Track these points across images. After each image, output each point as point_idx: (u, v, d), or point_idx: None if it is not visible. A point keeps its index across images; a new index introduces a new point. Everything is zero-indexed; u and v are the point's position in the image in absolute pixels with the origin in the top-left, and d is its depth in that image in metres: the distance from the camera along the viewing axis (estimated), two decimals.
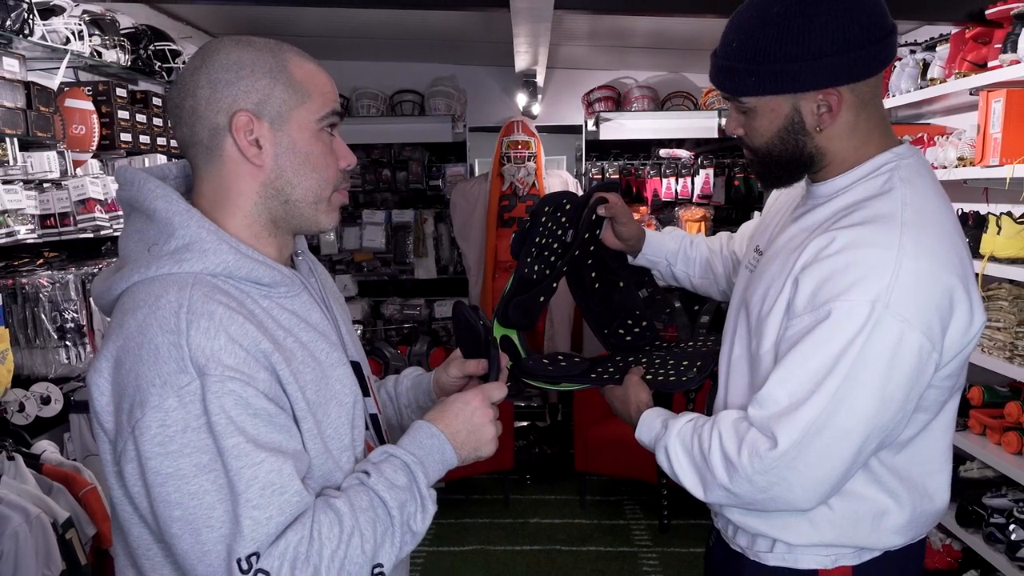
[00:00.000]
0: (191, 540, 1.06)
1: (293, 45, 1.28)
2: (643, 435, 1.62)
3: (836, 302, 1.34)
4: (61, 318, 2.75)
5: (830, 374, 1.34)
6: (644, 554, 4.23)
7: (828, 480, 1.39)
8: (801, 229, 1.52)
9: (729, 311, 1.70)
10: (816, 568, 1.53)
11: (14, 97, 2.58)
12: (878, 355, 1.33)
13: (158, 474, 1.06)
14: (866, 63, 1.41)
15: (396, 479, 1.19)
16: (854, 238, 1.37)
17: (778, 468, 1.37)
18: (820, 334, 1.35)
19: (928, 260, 1.35)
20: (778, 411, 1.38)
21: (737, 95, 1.48)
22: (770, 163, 1.52)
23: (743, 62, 1.43)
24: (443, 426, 1.30)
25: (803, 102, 1.43)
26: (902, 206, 1.39)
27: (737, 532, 1.64)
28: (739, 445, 1.41)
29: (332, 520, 1.11)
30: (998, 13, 3.14)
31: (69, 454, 2.93)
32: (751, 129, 1.50)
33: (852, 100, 1.44)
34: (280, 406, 1.14)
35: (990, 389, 3.32)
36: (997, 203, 3.47)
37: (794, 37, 1.38)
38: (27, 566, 2.25)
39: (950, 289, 1.37)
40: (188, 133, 1.22)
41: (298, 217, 1.27)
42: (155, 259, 1.16)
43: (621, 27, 4.93)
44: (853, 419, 1.35)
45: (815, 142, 1.47)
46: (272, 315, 1.20)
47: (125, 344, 1.10)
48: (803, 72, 1.40)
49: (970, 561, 3.44)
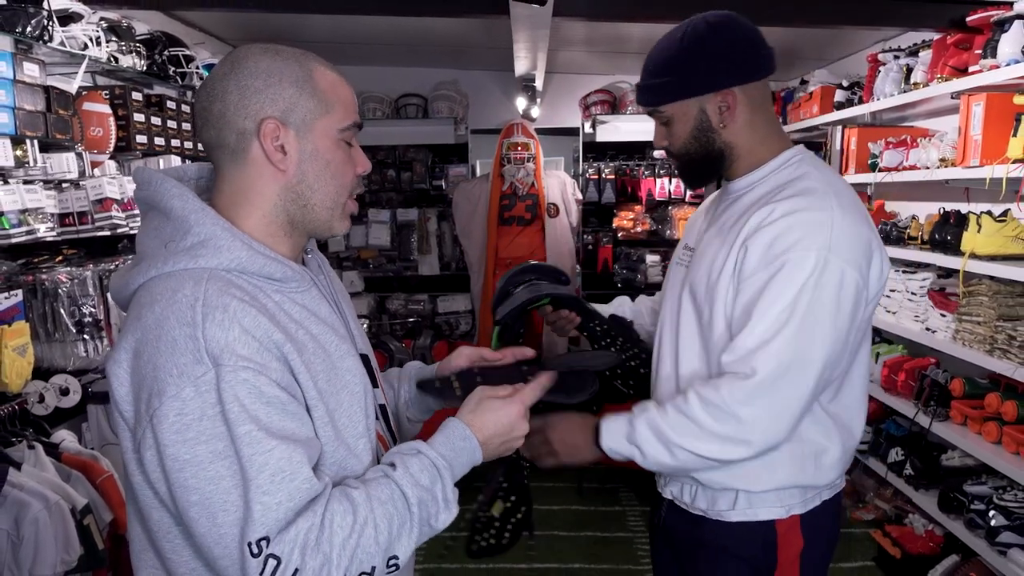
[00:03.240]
0: (208, 523, 1.07)
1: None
2: (611, 441, 1.66)
3: (788, 254, 1.54)
4: (79, 313, 2.74)
5: (793, 312, 1.53)
6: (639, 539, 4.23)
7: (798, 408, 1.57)
8: (728, 217, 1.73)
9: (666, 304, 1.86)
10: (773, 519, 1.69)
11: (34, 100, 2.57)
12: (829, 293, 1.54)
13: (176, 460, 1.07)
14: (751, 69, 1.69)
15: (421, 478, 1.19)
16: (792, 206, 1.58)
17: (759, 395, 1.54)
18: (778, 283, 1.55)
19: (852, 217, 1.59)
20: (748, 351, 1.55)
21: (657, 105, 1.72)
22: (690, 162, 1.76)
23: (659, 78, 1.70)
24: (477, 430, 1.30)
25: (708, 104, 1.68)
26: (823, 183, 1.64)
27: (696, 495, 1.75)
28: (716, 388, 1.56)
29: (346, 509, 1.11)
30: (979, 20, 3.14)
31: (87, 443, 2.92)
32: (672, 136, 1.74)
33: (745, 100, 1.69)
34: (292, 394, 1.14)
35: (971, 381, 3.32)
36: (978, 202, 3.47)
37: (694, 52, 1.66)
38: (47, 551, 2.25)
39: (869, 239, 1.61)
40: (215, 135, 1.23)
41: (314, 220, 1.28)
42: (171, 255, 1.17)
43: (616, 33, 4.93)
44: (815, 348, 1.54)
45: (722, 138, 1.71)
46: (284, 308, 1.20)
47: (144, 336, 1.11)
48: (702, 77, 1.66)
49: (951, 546, 3.44)
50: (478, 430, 1.30)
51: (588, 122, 5.86)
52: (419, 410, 1.60)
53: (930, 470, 3.50)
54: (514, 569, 3.90)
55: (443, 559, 3.95)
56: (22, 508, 2.25)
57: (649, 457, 1.62)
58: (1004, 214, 3.03)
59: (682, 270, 1.83)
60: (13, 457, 2.42)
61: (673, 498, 1.83)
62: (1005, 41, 2.87)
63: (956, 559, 3.35)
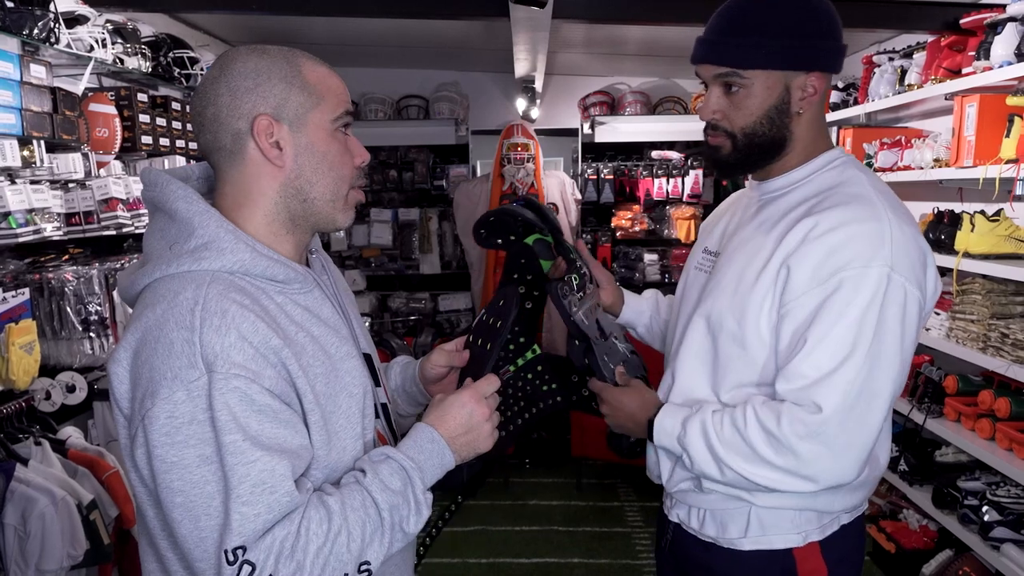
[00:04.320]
0: (190, 526, 1.07)
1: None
2: (663, 437, 1.53)
3: (845, 272, 1.36)
4: (85, 311, 2.74)
5: (857, 339, 1.35)
6: (636, 534, 4.24)
7: (868, 444, 1.39)
8: (763, 221, 1.54)
9: (681, 311, 1.68)
10: (790, 547, 1.53)
11: (41, 102, 2.57)
12: (893, 315, 1.37)
13: (163, 461, 1.07)
14: (840, 57, 1.50)
15: (391, 482, 1.18)
16: (842, 217, 1.40)
17: (823, 433, 1.36)
18: (836, 304, 1.36)
19: (910, 227, 1.42)
20: (809, 382, 1.37)
21: (738, 67, 1.45)
22: (750, 145, 1.50)
23: (756, 37, 1.43)
24: (443, 430, 1.28)
25: (795, 81, 1.46)
26: (871, 188, 1.45)
27: (705, 520, 1.60)
28: (777, 417, 1.39)
29: (321, 518, 1.10)
30: (972, 23, 3.15)
31: (93, 439, 2.93)
32: (740, 108, 1.48)
33: (822, 91, 1.49)
34: (286, 401, 1.14)
35: (964, 378, 3.32)
36: (971, 202, 3.47)
37: (803, 20, 1.43)
38: (53, 545, 2.25)
39: (924, 251, 1.44)
40: (211, 139, 1.22)
41: (316, 214, 1.27)
42: (176, 257, 1.17)
43: (615, 36, 4.93)
44: (881, 379, 1.38)
45: (792, 125, 1.49)
46: (285, 310, 1.20)
47: (144, 336, 1.11)
48: (806, 51, 1.44)
49: (945, 541, 3.45)
50: (442, 428, 1.28)
51: (587, 123, 5.86)
52: (408, 404, 1.59)
53: (924, 466, 3.50)
54: (514, 564, 3.90)
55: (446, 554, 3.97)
56: (29, 503, 2.25)
57: (697, 465, 1.48)
58: (997, 214, 3.03)
59: (701, 276, 1.65)
60: (20, 453, 2.42)
61: (680, 522, 1.66)
62: (998, 43, 2.87)
63: (950, 554, 3.35)
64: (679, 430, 1.49)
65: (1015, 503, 2.96)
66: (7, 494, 2.25)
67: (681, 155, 6.00)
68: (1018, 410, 2.97)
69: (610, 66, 5.85)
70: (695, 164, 5.84)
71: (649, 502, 4.55)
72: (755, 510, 1.53)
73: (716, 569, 1.60)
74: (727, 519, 1.56)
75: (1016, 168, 2.72)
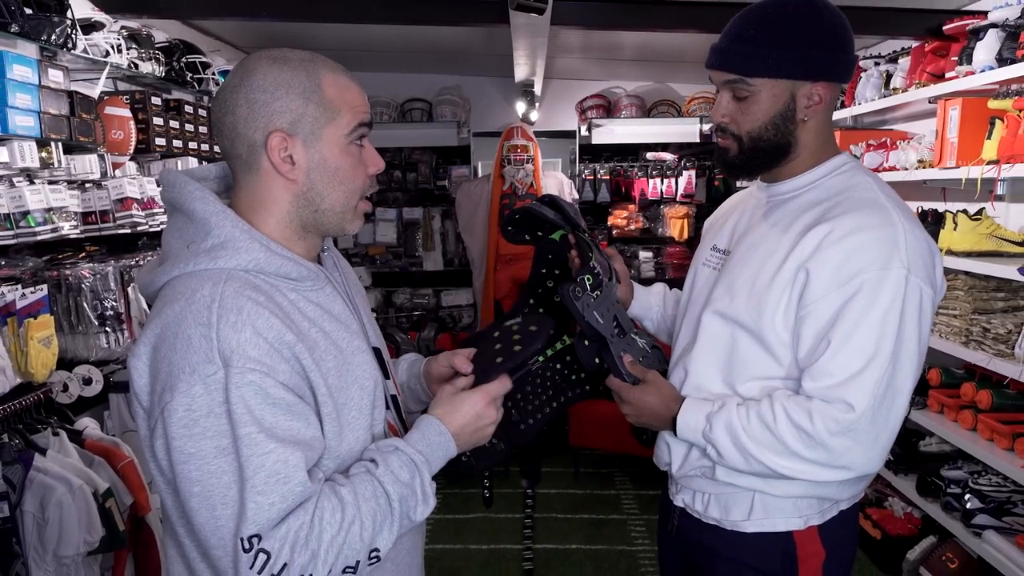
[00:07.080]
0: (207, 514, 1.07)
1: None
2: (687, 431, 1.54)
3: (865, 275, 1.38)
4: (101, 306, 2.74)
5: (881, 339, 1.38)
6: (632, 521, 4.23)
7: (892, 435, 1.43)
8: (775, 222, 1.54)
9: (690, 306, 1.68)
10: (790, 530, 1.55)
11: (59, 105, 2.57)
12: (911, 315, 1.39)
13: (181, 452, 1.07)
14: (848, 68, 1.50)
15: (401, 474, 1.19)
16: (856, 222, 1.41)
17: (855, 430, 1.39)
18: (858, 305, 1.38)
19: (920, 230, 1.44)
20: (836, 381, 1.39)
21: (746, 75, 1.47)
22: (756, 149, 1.52)
23: (757, 46, 1.45)
24: (450, 425, 1.29)
25: (800, 90, 1.47)
26: (881, 193, 1.47)
27: (709, 503, 1.61)
28: (809, 414, 1.41)
29: (335, 507, 1.11)
30: (955, 29, 3.14)
31: (108, 430, 2.93)
32: (746, 114, 1.50)
33: (829, 100, 1.50)
34: (299, 395, 1.14)
35: (947, 371, 3.32)
36: (954, 202, 3.47)
37: (809, 31, 1.44)
38: (70, 532, 2.26)
39: (933, 251, 1.46)
40: (228, 146, 1.22)
41: (326, 224, 1.27)
42: (193, 256, 1.17)
43: (611, 41, 4.93)
44: (904, 375, 1.41)
45: (797, 132, 1.51)
46: (298, 307, 1.21)
47: (163, 332, 1.11)
48: (810, 61, 1.45)
49: (929, 528, 3.45)
50: (450, 423, 1.29)
51: (584, 125, 5.86)
52: (411, 400, 1.60)
53: (909, 455, 3.50)
54: (513, 550, 3.90)
55: (448, 540, 3.98)
56: (47, 492, 2.25)
57: (724, 458, 1.49)
58: (979, 213, 3.03)
59: (711, 273, 1.65)
60: (39, 443, 2.42)
61: (685, 506, 1.68)
62: (980, 49, 2.87)
63: (933, 540, 3.35)
64: (704, 424, 1.50)
65: (996, 491, 2.96)
66: (26, 483, 2.25)
67: (675, 156, 6.00)
68: (999, 402, 2.97)
69: (606, 71, 5.85)
70: (688, 165, 5.84)
71: (645, 490, 4.54)
72: (759, 495, 1.55)
73: (719, 550, 1.62)
74: (731, 503, 1.58)
75: (997, 169, 2.72)
